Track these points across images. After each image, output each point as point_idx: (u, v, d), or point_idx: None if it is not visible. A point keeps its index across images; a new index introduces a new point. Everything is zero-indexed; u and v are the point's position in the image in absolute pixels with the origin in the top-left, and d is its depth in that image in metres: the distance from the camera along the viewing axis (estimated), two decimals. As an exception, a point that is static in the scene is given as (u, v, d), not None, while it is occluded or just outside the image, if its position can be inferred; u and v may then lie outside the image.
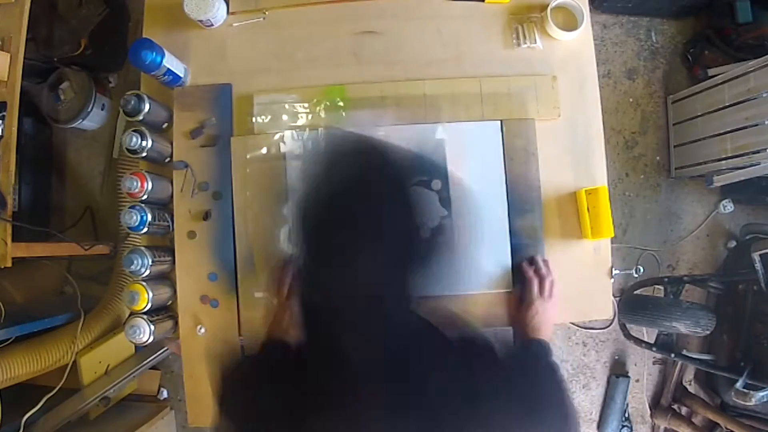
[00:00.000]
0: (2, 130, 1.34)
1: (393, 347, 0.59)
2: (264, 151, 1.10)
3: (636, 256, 1.99)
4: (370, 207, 0.59)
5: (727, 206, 1.97)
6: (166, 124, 1.14)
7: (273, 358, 0.72)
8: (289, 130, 1.10)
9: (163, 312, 1.07)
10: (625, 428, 1.97)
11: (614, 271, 1.10)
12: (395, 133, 1.09)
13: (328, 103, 1.11)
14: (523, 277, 1.04)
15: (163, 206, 1.11)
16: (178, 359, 1.97)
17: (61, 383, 1.60)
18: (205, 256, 1.09)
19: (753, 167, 1.57)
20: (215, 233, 1.09)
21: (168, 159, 1.14)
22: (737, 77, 1.61)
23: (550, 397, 0.68)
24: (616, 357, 2.01)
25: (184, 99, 1.13)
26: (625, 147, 2.04)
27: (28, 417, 1.53)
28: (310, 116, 1.11)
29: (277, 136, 1.10)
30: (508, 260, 1.07)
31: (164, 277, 1.11)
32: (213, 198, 1.10)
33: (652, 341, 1.71)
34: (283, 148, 1.10)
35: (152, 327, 1.00)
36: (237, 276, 1.08)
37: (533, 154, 1.10)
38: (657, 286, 1.69)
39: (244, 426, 0.64)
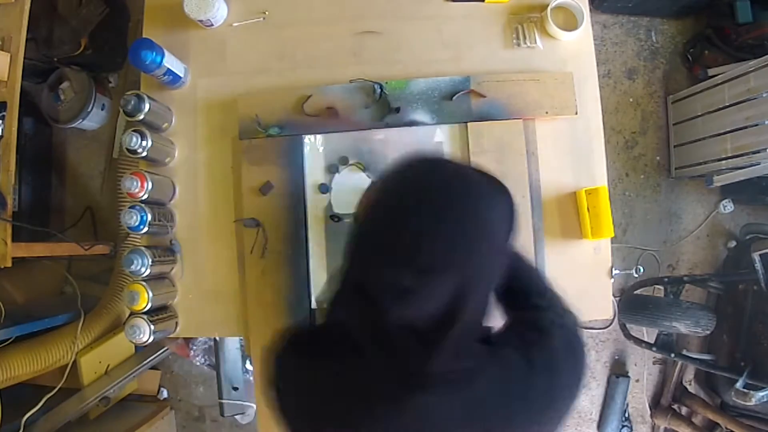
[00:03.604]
0: (2, 130, 1.34)
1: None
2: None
3: (636, 256, 1.99)
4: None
5: (727, 206, 1.97)
6: (166, 124, 1.14)
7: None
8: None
9: (163, 312, 1.07)
10: (625, 428, 1.97)
11: (614, 271, 1.10)
12: (394, 136, 1.09)
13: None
14: None
15: (162, 206, 1.11)
16: (178, 359, 1.97)
17: (61, 383, 1.60)
18: (280, 317, 1.06)
19: (753, 167, 1.57)
20: (290, 296, 1.06)
21: (168, 159, 1.14)
22: (737, 77, 1.61)
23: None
24: (616, 357, 2.01)
25: (254, 153, 1.09)
26: (625, 147, 2.03)
27: (28, 417, 1.53)
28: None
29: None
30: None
31: (164, 277, 1.11)
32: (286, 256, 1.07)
33: (652, 341, 1.71)
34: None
35: (152, 327, 1.00)
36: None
37: (533, 154, 1.10)
38: (657, 286, 1.69)
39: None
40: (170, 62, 1.08)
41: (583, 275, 1.10)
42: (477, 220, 0.55)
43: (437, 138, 1.10)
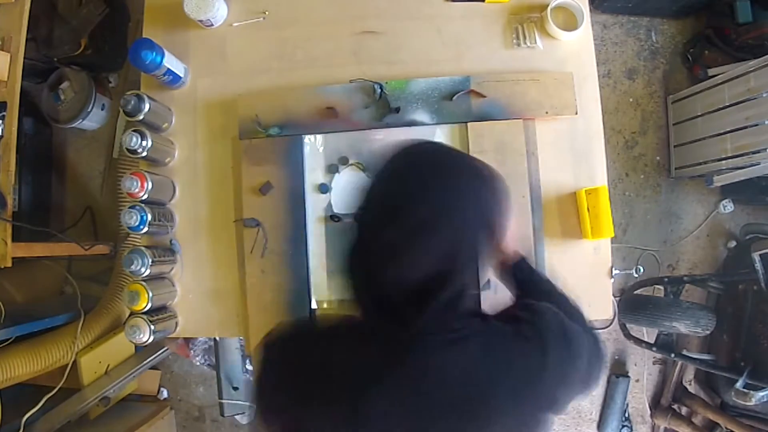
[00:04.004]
0: (2, 130, 1.34)
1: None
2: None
3: (636, 256, 1.99)
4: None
5: (727, 206, 1.97)
6: (166, 124, 1.14)
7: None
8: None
9: (163, 312, 1.08)
10: (625, 428, 1.97)
11: (614, 271, 1.10)
12: (394, 136, 1.09)
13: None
14: None
15: (162, 206, 1.11)
16: (178, 359, 1.97)
17: (61, 383, 1.60)
18: (280, 317, 1.05)
19: (753, 167, 1.57)
20: (290, 296, 1.06)
21: (168, 159, 1.14)
22: (737, 77, 1.61)
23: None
24: (616, 357, 2.01)
25: (254, 153, 1.09)
26: (625, 147, 2.03)
27: (28, 417, 1.53)
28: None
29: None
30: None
31: (164, 277, 1.11)
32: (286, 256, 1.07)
33: (652, 341, 1.71)
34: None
35: (152, 327, 1.00)
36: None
37: (533, 154, 1.09)
38: (657, 286, 1.69)
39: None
40: (170, 62, 1.08)
41: (583, 275, 1.10)
42: (461, 189, 0.61)
43: (437, 138, 1.10)
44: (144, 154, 1.03)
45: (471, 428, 0.60)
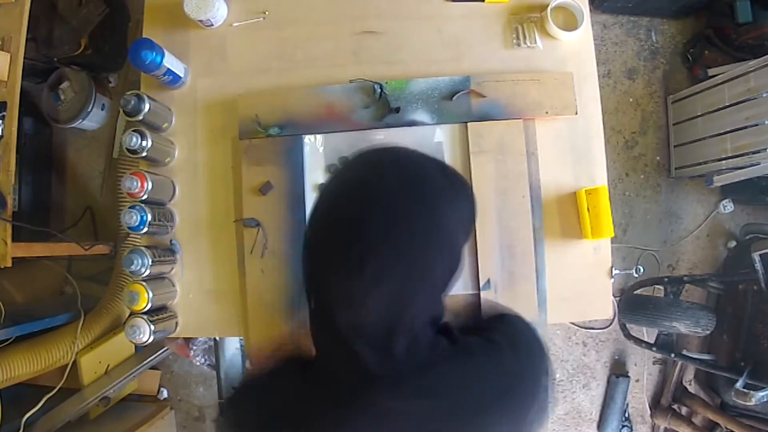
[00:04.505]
0: (2, 130, 1.34)
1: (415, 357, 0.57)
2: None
3: (636, 256, 1.99)
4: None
5: (727, 206, 1.97)
6: (166, 124, 1.14)
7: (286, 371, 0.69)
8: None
9: (163, 312, 1.07)
10: (625, 428, 1.97)
11: (614, 271, 1.10)
12: (394, 136, 1.09)
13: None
14: None
15: (162, 206, 1.11)
16: (178, 359, 1.98)
17: (61, 383, 1.60)
18: (280, 317, 1.05)
19: (753, 167, 1.57)
20: (290, 296, 1.05)
21: (168, 159, 1.14)
22: (737, 77, 1.61)
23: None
24: (616, 357, 2.01)
25: (254, 153, 1.09)
26: (625, 147, 2.04)
27: (28, 417, 1.53)
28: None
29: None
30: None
31: (164, 277, 1.11)
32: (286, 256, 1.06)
33: (652, 341, 1.71)
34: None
35: (152, 327, 1.00)
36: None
37: (533, 154, 1.09)
38: (657, 286, 1.69)
39: None
40: (170, 62, 1.08)
41: (583, 275, 1.10)
42: (427, 229, 0.54)
43: (437, 138, 1.10)
44: (144, 154, 1.02)
45: None
